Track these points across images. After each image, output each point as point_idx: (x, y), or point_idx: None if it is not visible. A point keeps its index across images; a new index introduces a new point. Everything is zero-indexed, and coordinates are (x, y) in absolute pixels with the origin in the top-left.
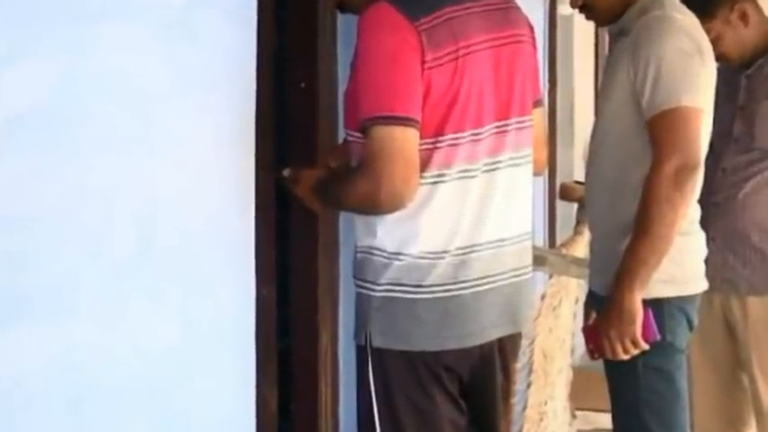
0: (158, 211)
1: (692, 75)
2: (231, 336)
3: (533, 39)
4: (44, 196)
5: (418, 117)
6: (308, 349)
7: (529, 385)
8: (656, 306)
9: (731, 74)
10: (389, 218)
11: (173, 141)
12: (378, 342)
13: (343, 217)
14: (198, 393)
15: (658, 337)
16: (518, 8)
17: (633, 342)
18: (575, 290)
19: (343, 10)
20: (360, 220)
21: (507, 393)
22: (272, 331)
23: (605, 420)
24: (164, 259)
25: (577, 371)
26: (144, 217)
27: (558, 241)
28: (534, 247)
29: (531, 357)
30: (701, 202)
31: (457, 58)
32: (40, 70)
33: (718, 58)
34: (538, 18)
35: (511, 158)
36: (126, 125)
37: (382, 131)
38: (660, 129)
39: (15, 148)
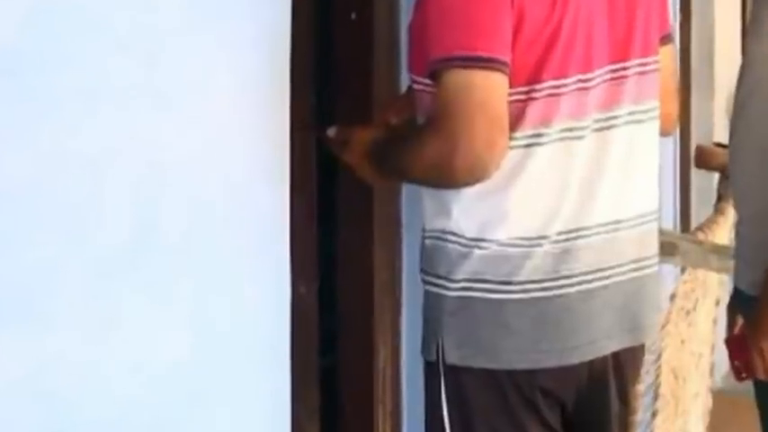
0: (163, 184)
1: None
2: (259, 348)
3: None
4: (10, 166)
5: (507, 58)
6: (361, 367)
7: (654, 414)
8: None
9: None
10: (469, 192)
11: (182, 91)
12: (453, 358)
13: (407, 192)
14: (215, 424)
15: None
16: None
17: None
18: (715, 288)
19: None
20: (429, 196)
21: (625, 425)
22: (312, 343)
23: None
24: (169, 247)
25: (719, 395)
26: (144, 191)
27: (694, 223)
28: (661, 232)
29: (657, 378)
30: None
31: None
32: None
33: None
34: None
35: (630, 113)
36: (121, 71)
37: (459, 76)
38: None
39: None
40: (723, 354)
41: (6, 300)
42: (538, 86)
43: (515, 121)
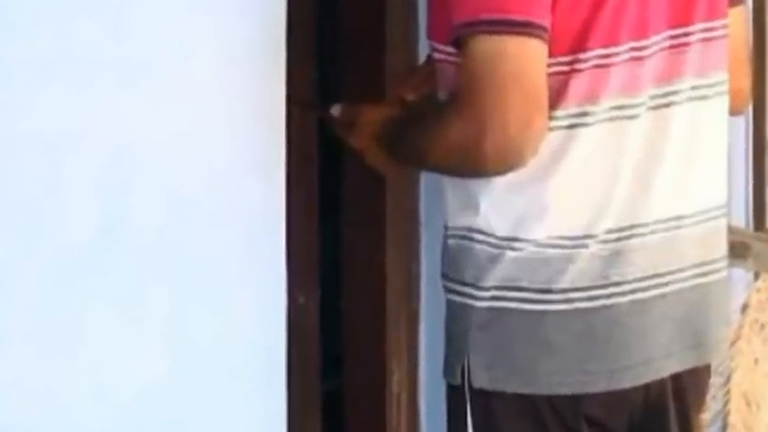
0: (134, 173)
1: None
2: (248, 370)
3: None
4: None
5: (546, 22)
6: (371, 392)
7: None
8: None
9: None
10: (500, 183)
11: (159, 62)
12: (481, 381)
13: (426, 182)
14: None
15: None
16: None
17: None
18: None
19: None
20: (452, 187)
21: None
22: (313, 363)
23: None
24: (141, 248)
25: None
26: (111, 181)
27: None
28: (731, 230)
29: (726, 404)
30: None
31: None
32: None
33: None
34: None
35: (694, 87)
36: (84, 38)
37: (489, 44)
38: None
39: None
40: None
41: None
42: (583, 56)
43: (556, 96)
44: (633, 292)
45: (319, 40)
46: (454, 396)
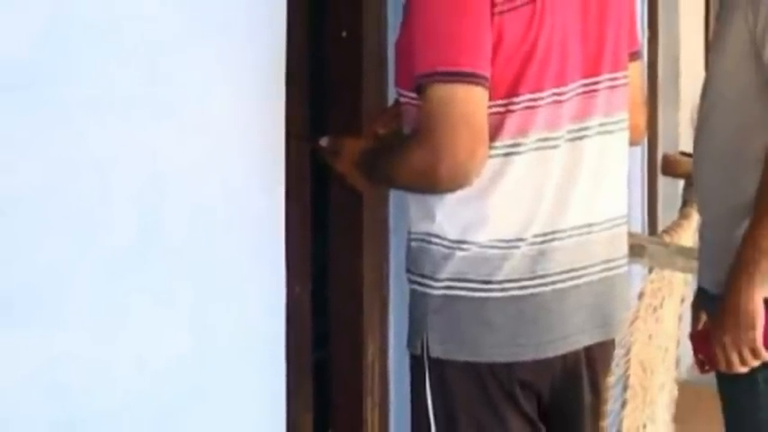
0: (166, 190)
1: None
2: (256, 345)
3: None
4: (23, 172)
5: (487, 73)
6: (351, 362)
7: (624, 404)
8: None
9: None
10: (451, 198)
11: (184, 102)
12: (437, 352)
13: (394, 197)
14: (215, 416)
15: None
16: None
17: (752, 351)
18: (680, 287)
19: None
20: (414, 201)
21: (597, 414)
22: (306, 340)
23: None
24: (172, 250)
25: (684, 386)
26: (148, 197)
27: (660, 227)
28: (630, 234)
29: (626, 371)
30: None
31: (535, 1)
32: (19, 18)
33: None
34: None
35: (601, 124)
36: (125, 82)
37: (443, 90)
38: None
39: None
40: (687, 348)
41: (20, 299)
42: (516, 99)
43: (495, 131)
44: (554, 283)
45: (311, 86)
46: (416, 364)
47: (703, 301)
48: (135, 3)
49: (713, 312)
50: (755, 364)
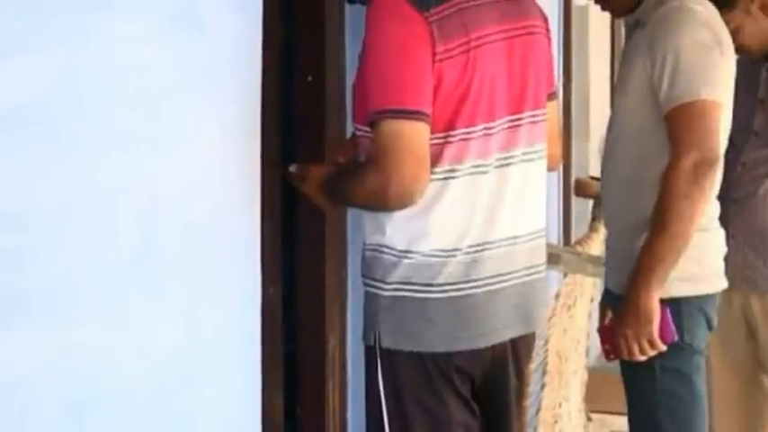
0: (162, 210)
1: (711, 67)
2: (237, 338)
3: (548, 30)
4: (43, 194)
5: (428, 111)
6: (315, 353)
7: (543, 387)
8: (673, 305)
9: (751, 66)
10: (399, 215)
11: (176, 137)
12: (387, 343)
13: (352, 214)
14: (203, 398)
15: (676, 338)
16: None
17: (650, 343)
18: (590, 289)
19: (352, 0)
20: (368, 218)
21: (521, 395)
22: (278, 334)
23: (621, 423)
24: (167, 259)
25: (593, 372)
26: (147, 215)
27: (573, 239)
28: (548, 245)
29: (545, 358)
30: (720, 198)
31: (468, 50)
32: (39, 64)
33: (738, 50)
34: (552, 9)
35: (524, 153)
36: (128, 120)
37: (391, 126)
38: (678, 123)
39: (13, 144)
40: (596, 339)
41: (40, 300)
42: (452, 133)
43: (435, 159)
44: (486, 285)
45: (282, 122)
46: (369, 353)
47: (609, 300)
48: (137, 55)
49: (617, 310)
50: (652, 353)
